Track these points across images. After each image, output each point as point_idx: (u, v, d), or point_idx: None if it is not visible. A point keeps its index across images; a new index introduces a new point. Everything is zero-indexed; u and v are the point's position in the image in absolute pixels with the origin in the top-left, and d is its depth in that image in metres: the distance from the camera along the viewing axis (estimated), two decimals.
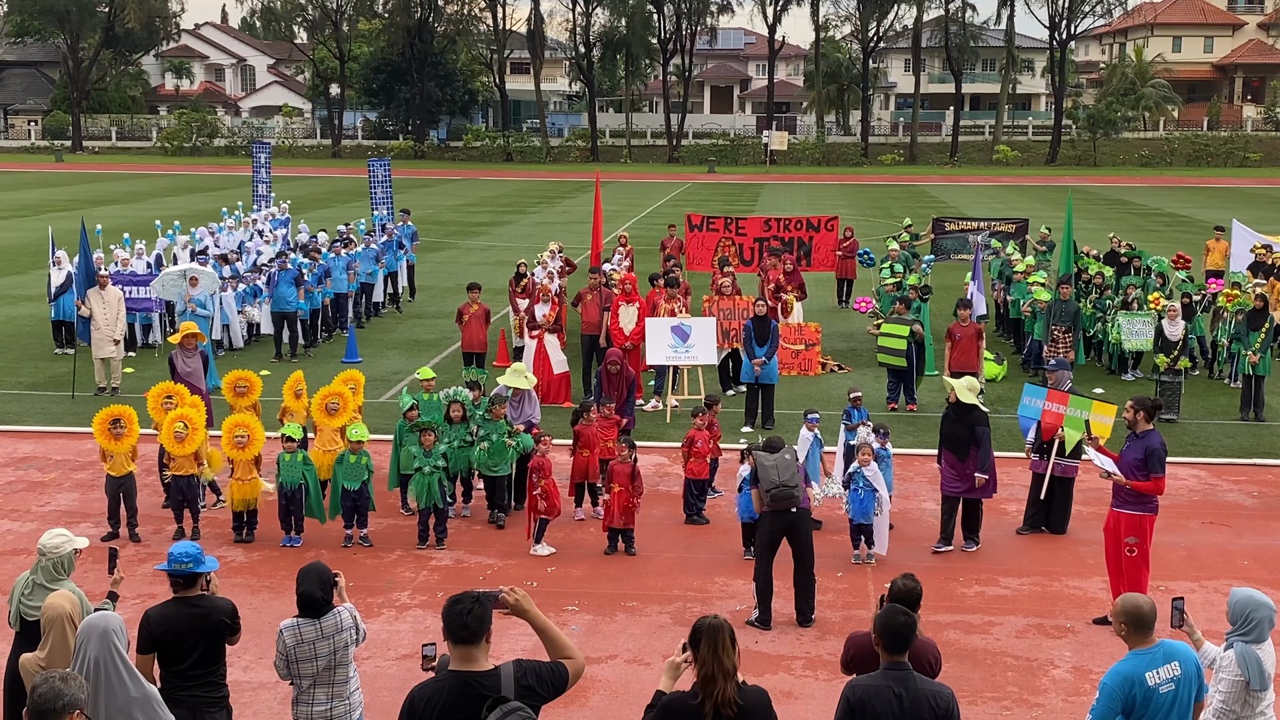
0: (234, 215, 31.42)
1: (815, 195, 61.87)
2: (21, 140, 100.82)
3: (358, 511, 13.18)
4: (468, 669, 5.68)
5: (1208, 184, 72.11)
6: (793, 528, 11.08)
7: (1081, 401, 13.02)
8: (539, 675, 5.79)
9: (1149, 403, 11.16)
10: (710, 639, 5.96)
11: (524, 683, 5.71)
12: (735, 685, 5.95)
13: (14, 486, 15.09)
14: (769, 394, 17.89)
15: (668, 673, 6.15)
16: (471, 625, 5.64)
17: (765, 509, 11.07)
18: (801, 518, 11.20)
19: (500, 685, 5.64)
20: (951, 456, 13.01)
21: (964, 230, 28.09)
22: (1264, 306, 19.48)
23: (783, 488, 10.88)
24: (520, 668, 5.76)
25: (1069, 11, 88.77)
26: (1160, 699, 6.59)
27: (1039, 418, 13.27)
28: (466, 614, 5.64)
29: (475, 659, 5.70)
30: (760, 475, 11.00)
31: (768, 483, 10.90)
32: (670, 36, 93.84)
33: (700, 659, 5.96)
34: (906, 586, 7.42)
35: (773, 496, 10.91)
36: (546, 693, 5.79)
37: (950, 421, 13.10)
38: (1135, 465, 10.91)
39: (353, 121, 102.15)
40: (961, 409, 12.98)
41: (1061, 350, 19.28)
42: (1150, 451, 10.85)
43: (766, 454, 11.18)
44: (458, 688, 5.65)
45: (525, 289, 21.82)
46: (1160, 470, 10.88)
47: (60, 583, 7.81)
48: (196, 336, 15.86)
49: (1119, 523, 11.12)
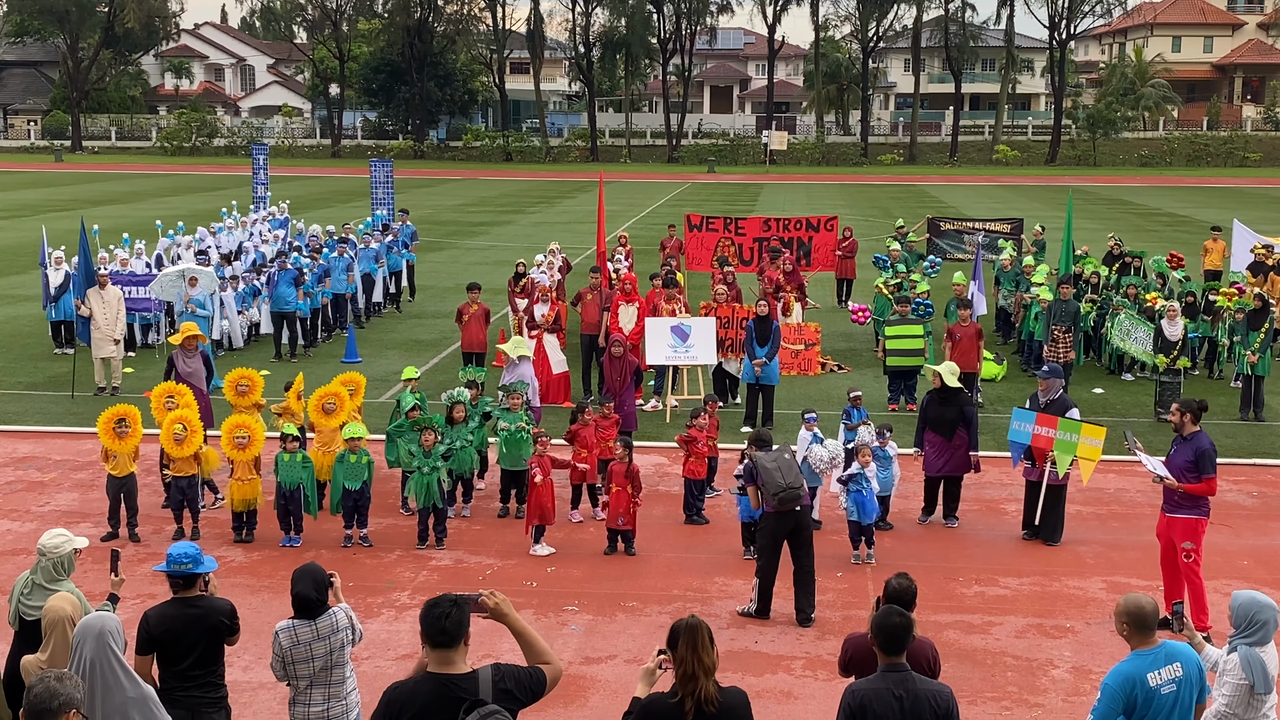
0: (233, 215, 31.39)
1: (815, 195, 61.87)
2: (21, 140, 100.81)
3: (358, 511, 13.17)
4: (445, 671, 5.67)
5: (1207, 184, 72.10)
6: (797, 525, 11.16)
7: (1071, 424, 12.89)
8: (517, 679, 5.78)
9: (1195, 405, 11.12)
10: (689, 638, 5.96)
11: (502, 686, 5.70)
12: (715, 684, 5.95)
13: (14, 486, 15.08)
14: (769, 395, 17.87)
15: (643, 679, 6.11)
16: (449, 629, 5.63)
17: (769, 509, 11.09)
18: (805, 516, 11.28)
19: (478, 688, 5.63)
20: (937, 438, 13.69)
21: (960, 230, 28.08)
22: (1264, 306, 19.47)
23: (790, 489, 10.93)
24: (498, 671, 5.75)
25: (1069, 11, 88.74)
26: (1162, 700, 6.58)
27: (1028, 443, 13.21)
28: (445, 618, 5.63)
29: (453, 662, 5.68)
30: (765, 478, 11.00)
31: (774, 486, 10.91)
32: (670, 36, 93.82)
33: (679, 658, 5.94)
34: (901, 586, 7.40)
35: (780, 499, 10.93)
36: (524, 697, 5.78)
37: (937, 405, 13.84)
38: (1186, 468, 10.84)
39: (352, 121, 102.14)
40: (947, 392, 13.75)
41: (1061, 350, 19.26)
42: (1201, 453, 10.79)
43: (765, 455, 11.18)
44: (435, 690, 5.63)
45: (524, 289, 21.81)
46: (1212, 470, 10.82)
47: (59, 583, 7.80)
48: (198, 337, 15.84)
49: (1172, 527, 11.05)
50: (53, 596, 7.36)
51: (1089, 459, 12.87)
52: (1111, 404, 19.53)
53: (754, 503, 11.50)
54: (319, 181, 68.77)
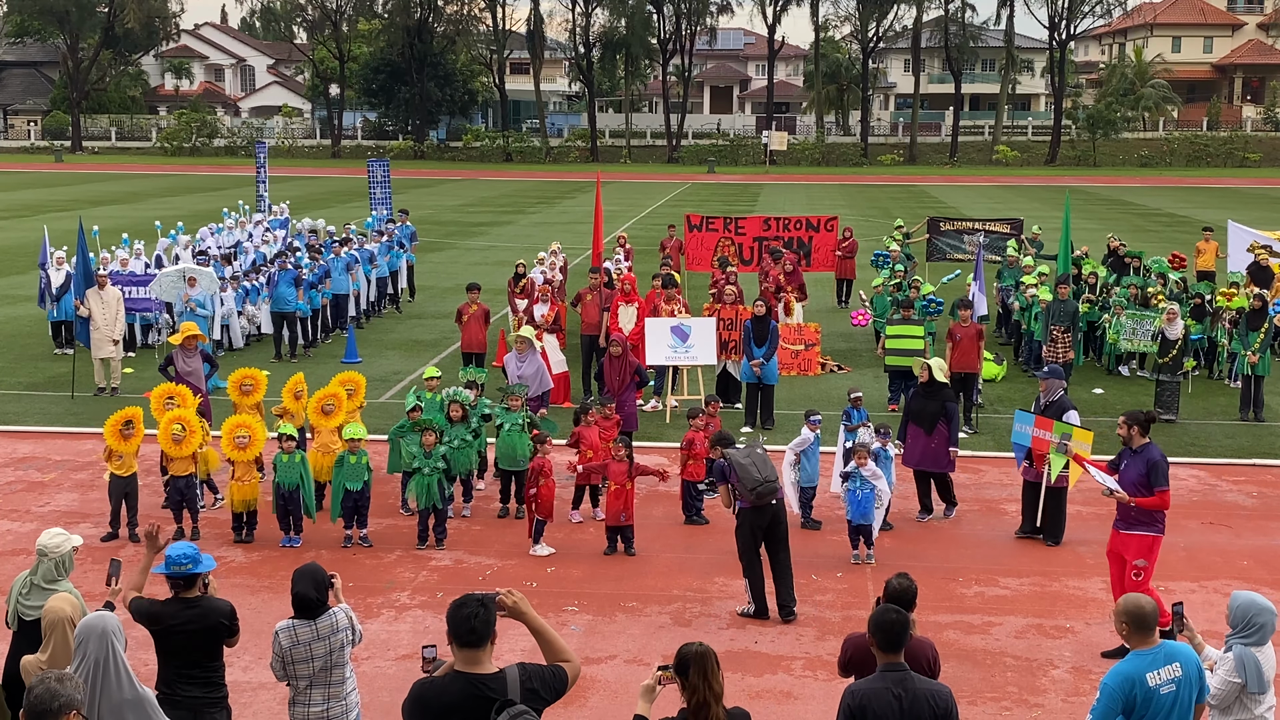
0: (233, 215, 31.39)
1: (815, 195, 61.87)
2: (21, 140, 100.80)
3: (358, 512, 13.17)
4: (473, 671, 5.70)
5: (1207, 184, 72.11)
6: (774, 519, 11.16)
7: (1062, 428, 12.90)
8: (542, 679, 5.83)
9: (1142, 416, 10.63)
10: (699, 665, 6.00)
11: (528, 685, 5.74)
12: (724, 709, 6.01)
13: (13, 487, 15.08)
14: (768, 394, 17.88)
15: (643, 696, 6.12)
16: (479, 629, 5.69)
17: (746, 505, 11.08)
18: (780, 509, 11.26)
19: (506, 688, 5.67)
20: (918, 431, 13.86)
21: (959, 230, 28.07)
22: (1263, 306, 19.48)
23: (766, 483, 10.95)
24: (524, 671, 5.79)
25: (1069, 12, 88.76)
26: (1161, 700, 6.58)
27: (1029, 444, 13.22)
28: (474, 618, 5.68)
29: (480, 661, 5.72)
30: (740, 474, 10.98)
31: (751, 480, 10.92)
32: (670, 36, 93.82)
33: (690, 686, 5.99)
34: (901, 585, 7.41)
35: (757, 493, 10.94)
36: (549, 695, 5.82)
37: (920, 398, 14.04)
38: (1138, 482, 10.32)
39: (352, 121, 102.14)
40: (932, 386, 13.92)
41: (1061, 350, 19.26)
42: (1152, 465, 10.28)
43: (738, 452, 11.16)
44: (465, 689, 5.67)
45: (524, 289, 21.82)
46: (1164, 483, 10.29)
47: (58, 583, 7.81)
48: (198, 337, 15.84)
49: (1126, 545, 10.52)
50: (53, 597, 7.37)
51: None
52: (1111, 404, 19.53)
53: (724, 501, 11.44)
54: (319, 182, 68.77)
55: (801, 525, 13.65)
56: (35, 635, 7.37)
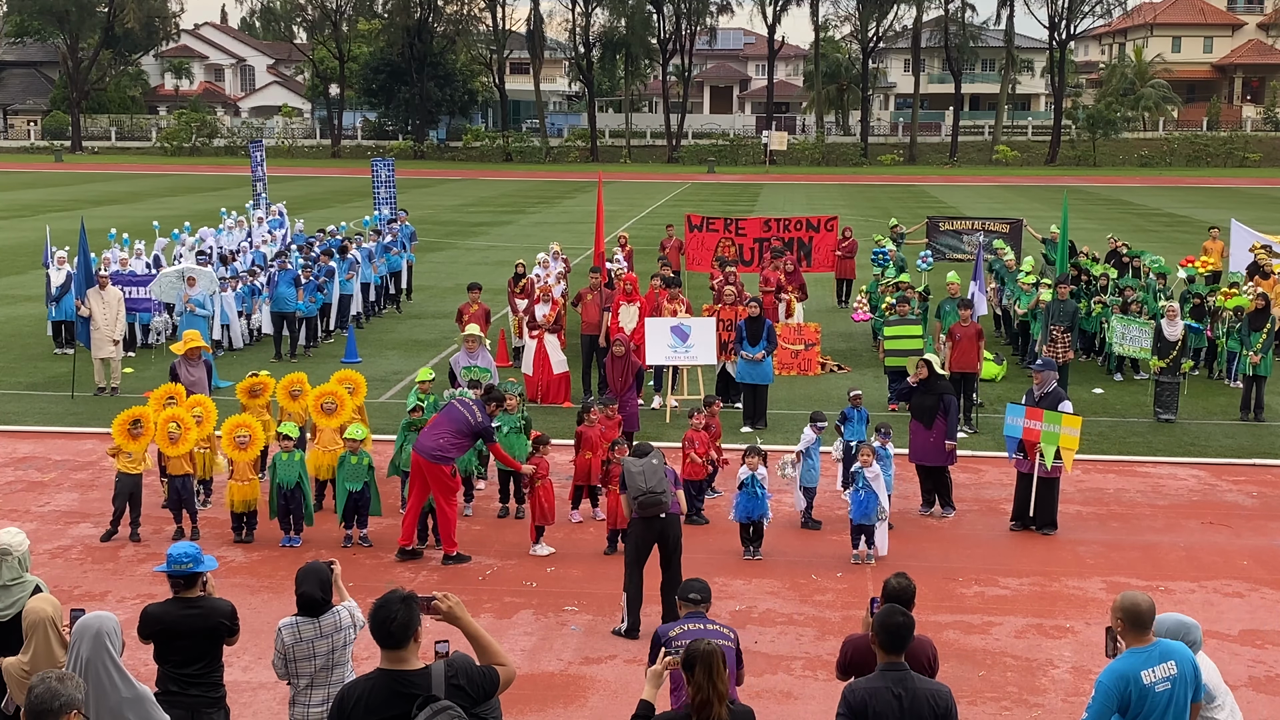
0: (233, 215, 31.39)
1: (815, 195, 61.88)
2: (21, 140, 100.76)
3: (358, 512, 13.17)
4: (397, 668, 5.74)
5: (1207, 184, 72.12)
6: (662, 534, 10.83)
7: (1053, 416, 13.37)
8: (470, 675, 5.83)
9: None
10: (705, 664, 6.05)
11: (454, 682, 5.76)
12: (727, 709, 6.06)
13: (13, 487, 15.08)
14: (763, 394, 17.89)
15: (651, 682, 6.23)
16: (396, 632, 5.71)
17: (634, 515, 10.80)
18: (671, 523, 10.89)
19: (430, 683, 5.69)
20: (918, 425, 13.98)
21: (959, 230, 28.08)
22: (1265, 306, 19.48)
23: (650, 494, 10.62)
24: (451, 667, 5.81)
25: (1068, 12, 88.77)
26: (1156, 698, 6.58)
27: (1020, 435, 13.63)
28: (391, 621, 5.70)
29: (405, 659, 5.75)
30: (627, 481, 10.76)
31: (635, 489, 10.64)
32: (670, 36, 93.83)
33: (695, 684, 6.04)
34: (900, 585, 7.41)
35: (640, 504, 10.66)
36: (476, 694, 5.82)
37: (919, 392, 14.08)
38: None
39: (352, 121, 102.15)
40: (929, 380, 13.99)
41: (1060, 350, 19.25)
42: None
43: (634, 460, 10.86)
44: (387, 686, 5.70)
45: (524, 289, 21.82)
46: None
47: (22, 581, 7.68)
48: (201, 347, 15.79)
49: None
50: (34, 598, 7.35)
51: (1069, 448, 13.39)
52: (1111, 404, 19.54)
53: (624, 509, 11.20)
54: (318, 182, 68.75)
55: (802, 525, 13.68)
56: (7, 635, 7.37)
